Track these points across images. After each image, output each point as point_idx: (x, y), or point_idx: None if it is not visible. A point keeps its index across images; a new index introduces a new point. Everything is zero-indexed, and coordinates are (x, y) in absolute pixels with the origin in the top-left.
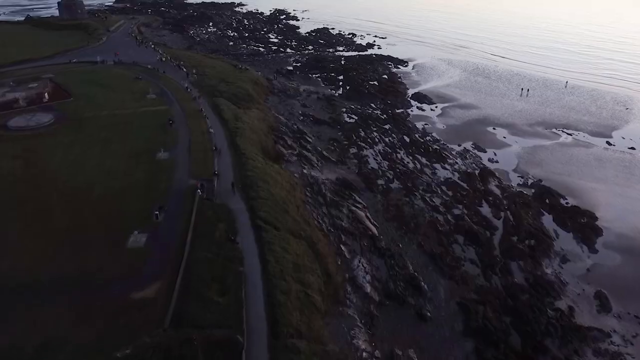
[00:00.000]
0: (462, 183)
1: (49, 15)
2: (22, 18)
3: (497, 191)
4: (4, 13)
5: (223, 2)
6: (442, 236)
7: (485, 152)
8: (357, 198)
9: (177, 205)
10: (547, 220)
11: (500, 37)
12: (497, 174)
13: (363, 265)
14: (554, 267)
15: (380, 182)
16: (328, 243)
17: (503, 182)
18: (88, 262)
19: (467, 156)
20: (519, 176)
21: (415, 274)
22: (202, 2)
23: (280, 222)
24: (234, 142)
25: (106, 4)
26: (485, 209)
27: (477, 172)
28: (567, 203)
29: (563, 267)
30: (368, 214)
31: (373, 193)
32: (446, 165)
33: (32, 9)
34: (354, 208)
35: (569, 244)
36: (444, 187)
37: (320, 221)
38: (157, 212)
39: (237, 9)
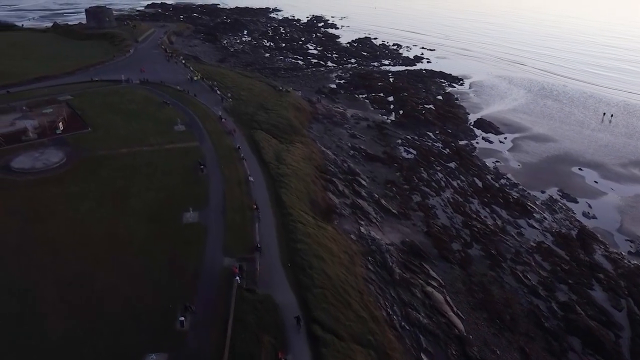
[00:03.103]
0: (558, 250)
1: (77, 23)
2: (50, 24)
3: (607, 264)
4: (33, 18)
5: (257, 7)
6: (550, 338)
7: (577, 202)
8: (431, 272)
9: (208, 301)
10: None
11: (556, 52)
12: (599, 236)
13: None
14: None
15: (455, 246)
16: (404, 350)
17: (610, 248)
18: None
19: (556, 208)
20: (627, 240)
21: None
22: (236, 7)
23: (343, 325)
24: (278, 196)
25: (137, 8)
26: (599, 294)
27: (574, 233)
28: None
29: None
30: (448, 298)
31: (449, 264)
32: (533, 222)
33: (62, 13)
34: (429, 289)
35: None
36: (537, 256)
37: (390, 311)
38: (183, 318)
39: (272, 15)
